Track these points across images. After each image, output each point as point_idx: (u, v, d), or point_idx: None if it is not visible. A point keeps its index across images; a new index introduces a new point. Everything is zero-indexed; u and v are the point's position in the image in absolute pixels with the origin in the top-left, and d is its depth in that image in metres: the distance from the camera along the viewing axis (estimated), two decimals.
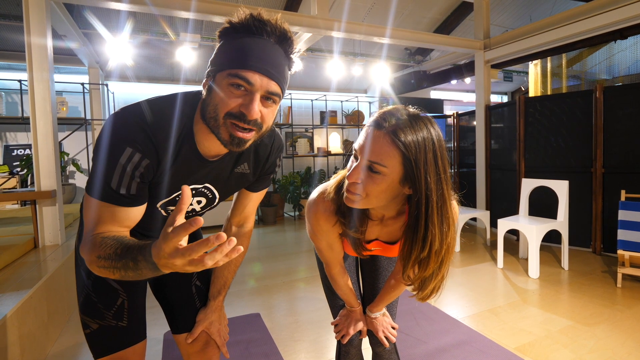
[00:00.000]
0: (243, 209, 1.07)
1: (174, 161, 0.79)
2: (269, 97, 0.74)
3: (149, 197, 0.83)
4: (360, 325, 1.16)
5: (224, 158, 0.87)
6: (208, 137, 0.79)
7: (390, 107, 0.80)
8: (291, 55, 0.78)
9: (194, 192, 0.88)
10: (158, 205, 0.86)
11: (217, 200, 0.95)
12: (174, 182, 0.82)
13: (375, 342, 1.17)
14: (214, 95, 0.73)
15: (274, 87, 0.74)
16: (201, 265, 0.53)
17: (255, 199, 1.06)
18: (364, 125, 0.82)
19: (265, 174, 1.00)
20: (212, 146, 0.81)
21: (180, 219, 0.55)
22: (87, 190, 0.73)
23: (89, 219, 0.72)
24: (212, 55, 0.76)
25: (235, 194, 1.07)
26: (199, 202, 0.92)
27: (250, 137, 0.75)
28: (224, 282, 1.09)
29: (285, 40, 0.76)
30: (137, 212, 0.77)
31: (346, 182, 0.81)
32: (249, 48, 0.71)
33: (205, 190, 0.90)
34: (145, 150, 0.72)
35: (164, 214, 0.90)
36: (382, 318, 1.17)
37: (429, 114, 0.81)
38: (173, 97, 0.80)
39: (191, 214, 0.95)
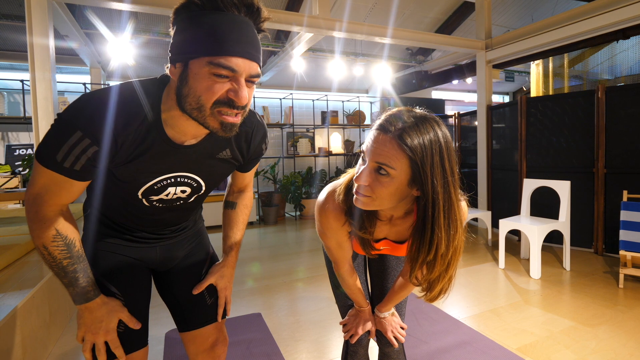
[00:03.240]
0: (242, 182, 1.12)
1: (141, 148, 0.78)
2: (251, 81, 0.73)
3: (127, 184, 0.84)
4: (369, 325, 1.16)
5: (201, 144, 0.85)
6: (183, 122, 0.78)
7: (396, 109, 0.79)
8: (261, 25, 0.75)
9: (172, 180, 0.87)
10: (139, 193, 0.86)
11: (203, 188, 0.94)
12: (148, 170, 0.82)
13: (383, 342, 1.17)
14: (194, 85, 0.69)
15: (255, 69, 0.72)
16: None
17: (250, 173, 1.10)
18: (368, 125, 0.82)
19: (252, 157, 1.01)
20: (187, 131, 0.80)
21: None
22: (36, 154, 0.74)
23: (35, 183, 0.76)
24: (176, 37, 0.71)
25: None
26: (183, 192, 0.91)
27: (239, 120, 0.75)
28: (235, 239, 1.12)
29: (253, 12, 0.71)
30: (80, 186, 0.79)
31: (355, 184, 0.81)
32: (225, 29, 0.67)
33: (188, 180, 0.89)
34: (98, 137, 0.72)
35: (146, 204, 0.89)
36: (391, 318, 1.17)
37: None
38: (137, 83, 0.79)
39: (178, 203, 0.94)
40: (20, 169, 4.41)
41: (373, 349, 1.23)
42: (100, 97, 0.73)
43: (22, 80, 4.18)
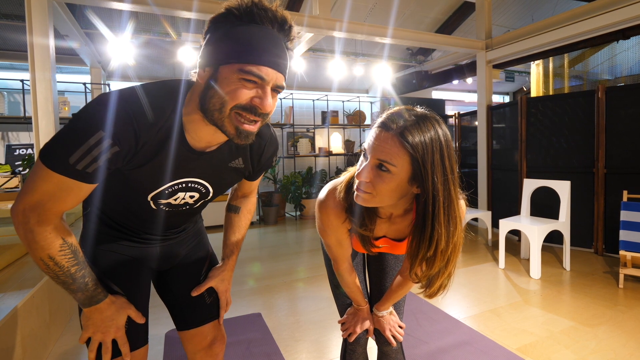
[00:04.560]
0: (248, 188, 1.13)
1: (160, 151, 0.78)
2: (276, 90, 0.75)
3: (139, 187, 0.83)
4: (367, 324, 1.16)
5: (216, 152, 0.86)
6: (201, 128, 0.79)
7: (397, 107, 0.80)
8: (289, 43, 0.78)
9: (183, 185, 0.87)
10: (149, 197, 0.86)
11: (211, 194, 0.96)
12: (162, 173, 0.82)
13: (382, 340, 1.17)
14: (222, 87, 0.72)
15: (281, 80, 0.75)
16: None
17: (256, 182, 1.12)
18: (368, 125, 0.83)
19: (261, 169, 1.04)
20: (203, 137, 0.81)
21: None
22: (42, 156, 0.69)
23: (36, 189, 0.70)
24: (208, 44, 0.74)
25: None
26: (191, 197, 0.92)
27: (256, 128, 0.76)
28: (236, 242, 1.13)
29: (285, 28, 0.75)
30: (88, 190, 0.75)
31: (356, 180, 0.82)
32: (258, 40, 0.70)
33: (198, 186, 0.90)
34: (120, 138, 0.71)
35: (154, 207, 0.89)
36: (389, 317, 1.17)
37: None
38: (163, 84, 0.79)
39: (185, 208, 0.95)
40: (20, 168, 4.41)
41: (372, 348, 1.23)
42: (122, 98, 0.72)
43: (22, 80, 4.17)
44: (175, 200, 0.90)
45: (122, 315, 0.89)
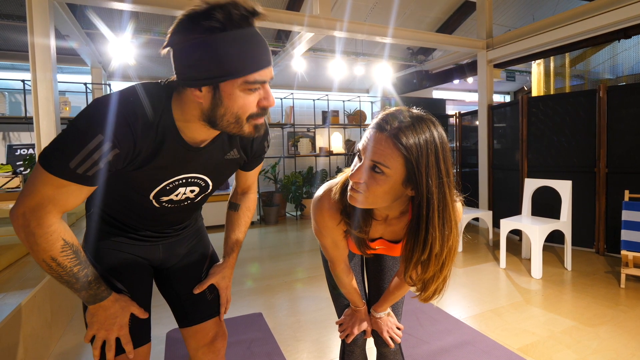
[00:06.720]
0: (245, 183, 1.15)
1: (158, 150, 0.79)
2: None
3: (141, 186, 0.84)
4: (365, 325, 1.16)
5: (211, 146, 0.87)
6: (198, 128, 0.80)
7: (392, 108, 0.79)
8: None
9: (183, 181, 0.89)
10: (151, 196, 0.87)
11: (210, 187, 0.97)
12: (163, 171, 0.83)
13: (380, 342, 1.17)
14: (230, 105, 0.72)
15: (272, 71, 0.76)
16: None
17: (253, 173, 1.12)
18: (367, 125, 0.83)
19: (255, 156, 1.04)
20: (198, 135, 0.82)
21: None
22: (42, 160, 0.70)
23: (37, 192, 0.70)
24: (192, 59, 0.69)
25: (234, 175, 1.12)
26: (192, 191, 0.93)
27: (264, 117, 0.80)
28: (236, 240, 1.14)
29: (256, 16, 0.73)
30: (89, 192, 0.76)
31: (350, 182, 0.81)
32: (249, 46, 0.69)
33: (197, 180, 0.91)
34: (120, 140, 0.72)
35: (156, 205, 0.90)
36: (386, 318, 1.17)
37: (432, 116, 0.80)
38: (153, 85, 0.79)
39: (186, 203, 0.96)
40: (22, 168, 4.41)
41: (373, 349, 1.23)
42: (118, 100, 0.73)
43: (23, 80, 4.18)
44: (177, 196, 0.91)
45: (126, 312, 0.90)
